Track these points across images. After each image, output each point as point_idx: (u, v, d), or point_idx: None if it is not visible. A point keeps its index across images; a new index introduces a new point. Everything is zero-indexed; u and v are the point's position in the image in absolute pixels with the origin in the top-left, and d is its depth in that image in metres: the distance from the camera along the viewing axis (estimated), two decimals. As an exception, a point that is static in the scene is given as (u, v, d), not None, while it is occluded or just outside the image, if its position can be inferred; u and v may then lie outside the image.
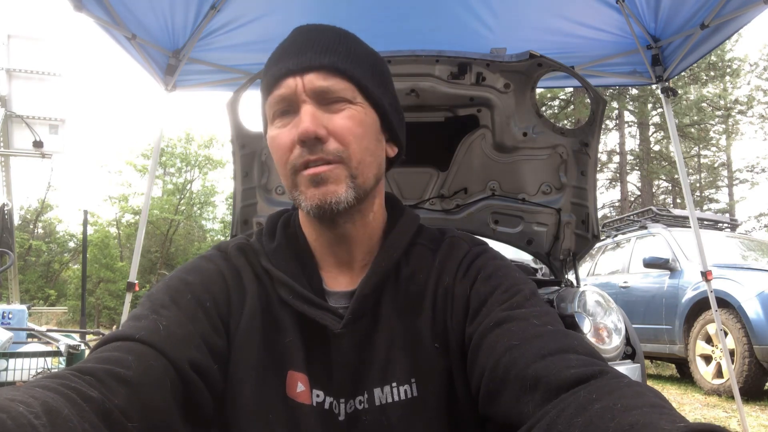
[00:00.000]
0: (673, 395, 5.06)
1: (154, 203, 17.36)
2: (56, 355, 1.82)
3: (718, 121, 18.47)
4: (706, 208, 18.87)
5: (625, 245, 6.81)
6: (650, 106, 16.39)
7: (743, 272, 4.88)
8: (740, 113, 18.32)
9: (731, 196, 19.06)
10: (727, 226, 7.34)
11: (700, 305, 5.14)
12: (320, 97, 0.70)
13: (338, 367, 0.72)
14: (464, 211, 2.58)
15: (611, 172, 18.59)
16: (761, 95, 17.91)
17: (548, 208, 2.43)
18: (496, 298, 0.70)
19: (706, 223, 7.03)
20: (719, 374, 4.91)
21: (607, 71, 3.29)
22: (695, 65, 12.93)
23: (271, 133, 0.74)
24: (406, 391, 0.71)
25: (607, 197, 19.65)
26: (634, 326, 2.59)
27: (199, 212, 21.40)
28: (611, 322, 2.26)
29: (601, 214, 15.76)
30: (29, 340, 2.13)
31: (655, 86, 3.38)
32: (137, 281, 3.08)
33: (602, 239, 7.22)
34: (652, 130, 17.95)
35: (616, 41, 3.13)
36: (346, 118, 0.71)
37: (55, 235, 21.19)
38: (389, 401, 0.71)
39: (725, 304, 4.71)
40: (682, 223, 6.60)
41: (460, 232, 0.84)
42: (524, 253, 2.76)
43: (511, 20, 3.02)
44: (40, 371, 1.68)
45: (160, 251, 18.84)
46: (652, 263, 5.75)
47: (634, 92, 16.00)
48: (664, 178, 18.00)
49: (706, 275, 3.06)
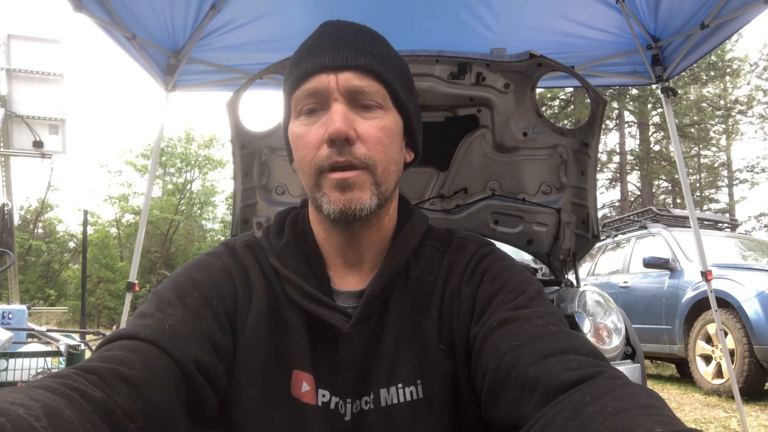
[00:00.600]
0: (673, 395, 5.06)
1: (154, 203, 17.35)
2: (56, 355, 1.82)
3: (718, 121, 18.46)
4: (706, 208, 18.86)
5: (625, 245, 6.80)
6: (650, 106, 16.37)
7: (743, 272, 4.88)
8: (740, 113, 18.31)
9: (731, 196, 19.06)
10: (727, 226, 7.34)
11: (700, 305, 5.14)
12: (352, 97, 0.69)
13: (345, 367, 0.72)
14: (464, 211, 2.57)
15: (611, 172, 18.58)
16: (761, 95, 17.92)
17: (548, 208, 2.43)
18: (500, 298, 0.70)
19: (706, 223, 7.03)
20: (719, 374, 4.91)
21: (607, 71, 3.29)
22: (695, 65, 12.94)
23: (295, 129, 0.72)
24: (411, 392, 0.71)
25: (607, 197, 19.67)
26: (634, 326, 2.59)
27: (199, 212, 21.41)
28: (611, 322, 2.26)
29: (601, 214, 15.77)
30: (29, 340, 2.13)
31: (655, 86, 3.38)
32: (137, 281, 3.08)
33: (602, 239, 7.22)
34: (652, 130, 17.94)
35: (616, 41, 3.13)
36: (377, 125, 0.70)
37: (55, 235, 21.19)
38: (394, 402, 0.71)
39: (725, 304, 4.71)
40: (682, 223, 6.60)
41: (468, 232, 0.84)
42: (524, 253, 2.75)
43: (511, 20, 3.02)
44: (40, 371, 1.67)
45: (160, 251, 18.84)
46: (652, 263, 5.75)
47: (634, 92, 15.99)
48: (664, 178, 17.99)
49: (706, 275, 3.06)
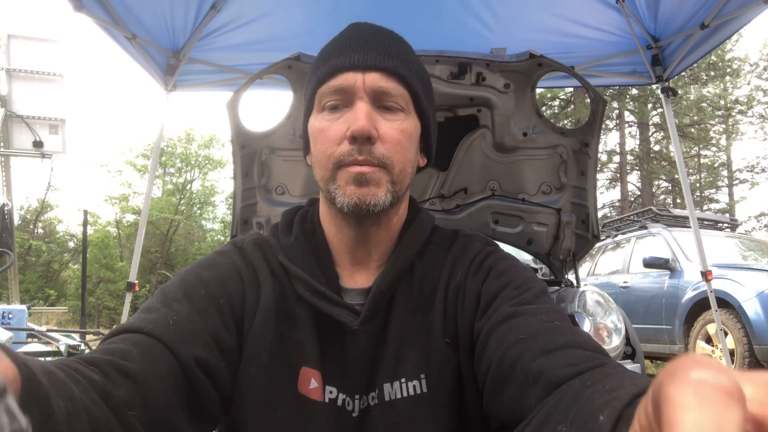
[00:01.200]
0: (673, 395, 5.05)
1: (154, 203, 17.35)
2: (56, 355, 1.82)
3: (718, 121, 18.46)
4: (706, 208, 18.85)
5: (625, 245, 6.80)
6: (650, 106, 16.38)
7: (743, 272, 4.88)
8: (740, 113, 18.31)
9: (731, 196, 19.05)
10: (727, 226, 7.34)
11: (700, 305, 5.13)
12: (376, 97, 0.72)
13: (353, 363, 0.73)
14: (464, 211, 2.57)
15: (611, 172, 18.58)
16: (761, 95, 17.91)
17: (548, 208, 2.43)
18: (506, 294, 0.70)
19: (706, 223, 7.03)
20: (719, 374, 4.91)
21: (607, 71, 3.30)
22: (695, 65, 12.94)
23: (317, 123, 0.74)
24: (415, 386, 0.72)
25: (607, 197, 19.65)
26: (634, 326, 2.59)
27: (199, 212, 21.39)
28: (611, 322, 2.26)
29: (601, 214, 15.77)
30: (29, 340, 2.13)
31: (655, 86, 3.38)
32: (137, 281, 3.09)
33: (602, 239, 7.22)
34: (652, 130, 17.94)
35: (616, 41, 3.13)
36: (398, 128, 0.72)
37: (55, 235, 21.18)
38: (398, 397, 0.71)
39: (725, 304, 4.71)
40: (682, 223, 6.60)
41: (473, 232, 0.85)
42: (524, 252, 2.76)
43: (511, 20, 3.03)
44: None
45: (160, 251, 18.83)
46: (652, 263, 5.75)
47: (634, 92, 16.00)
48: (664, 178, 17.99)
49: (706, 275, 3.06)
